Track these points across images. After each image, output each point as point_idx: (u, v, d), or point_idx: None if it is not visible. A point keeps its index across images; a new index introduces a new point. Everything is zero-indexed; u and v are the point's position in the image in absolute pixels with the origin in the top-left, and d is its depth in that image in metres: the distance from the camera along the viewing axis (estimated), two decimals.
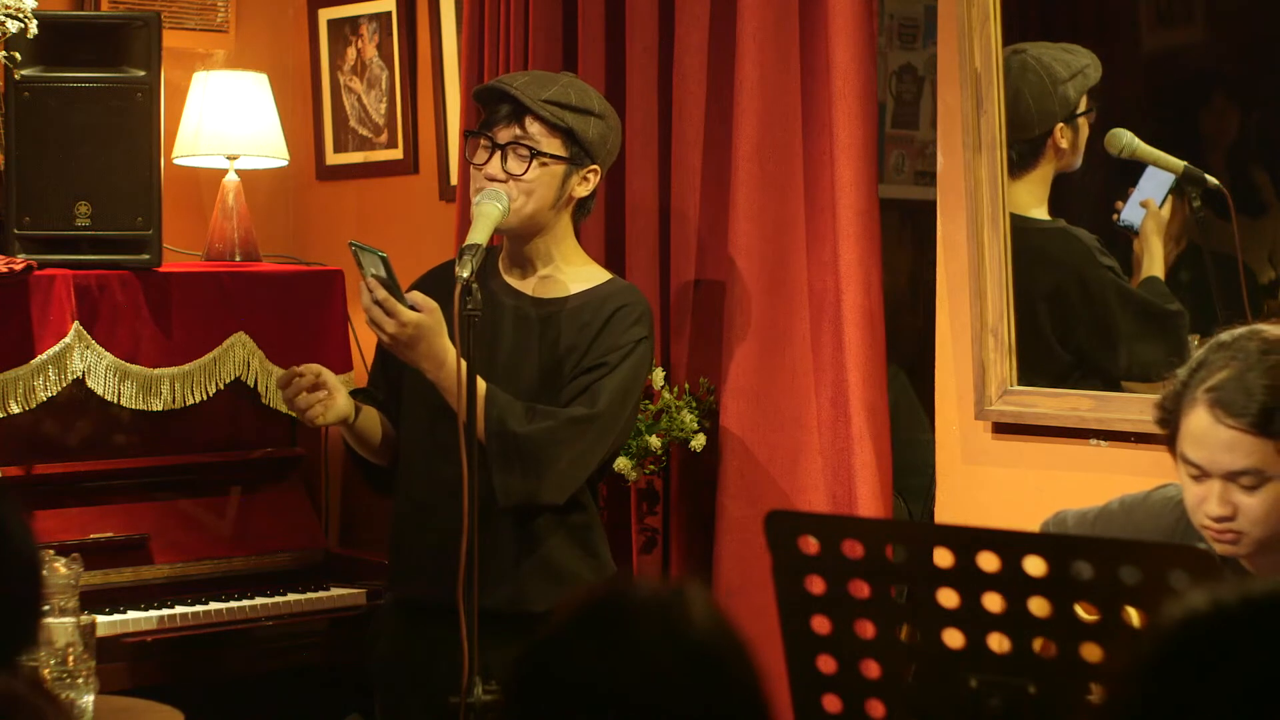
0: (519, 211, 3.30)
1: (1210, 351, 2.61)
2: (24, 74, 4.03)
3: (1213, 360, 2.59)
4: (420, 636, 3.34)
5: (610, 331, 3.32)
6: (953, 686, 2.15)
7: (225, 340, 4.28)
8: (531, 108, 3.31)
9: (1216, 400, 2.55)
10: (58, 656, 3.04)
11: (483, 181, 3.32)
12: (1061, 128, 3.51)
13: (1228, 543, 2.58)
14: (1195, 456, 2.58)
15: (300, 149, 4.97)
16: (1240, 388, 2.54)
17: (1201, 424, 2.57)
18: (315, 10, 5.00)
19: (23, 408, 4.00)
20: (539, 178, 3.32)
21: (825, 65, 3.68)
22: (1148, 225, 3.43)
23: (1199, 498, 2.60)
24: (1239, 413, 2.53)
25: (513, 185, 3.30)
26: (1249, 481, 2.55)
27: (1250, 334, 2.60)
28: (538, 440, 3.22)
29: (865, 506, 3.62)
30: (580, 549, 3.35)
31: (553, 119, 3.31)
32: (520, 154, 3.31)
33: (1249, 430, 2.53)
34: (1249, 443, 2.53)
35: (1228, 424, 2.54)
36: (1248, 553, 2.59)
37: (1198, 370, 2.60)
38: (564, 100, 3.33)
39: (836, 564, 2.20)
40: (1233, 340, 2.60)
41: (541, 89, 3.33)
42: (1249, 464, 2.54)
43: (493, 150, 3.32)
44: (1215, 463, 2.56)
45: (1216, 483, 2.57)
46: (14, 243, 4.08)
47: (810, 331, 3.74)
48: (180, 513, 4.21)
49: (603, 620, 1.57)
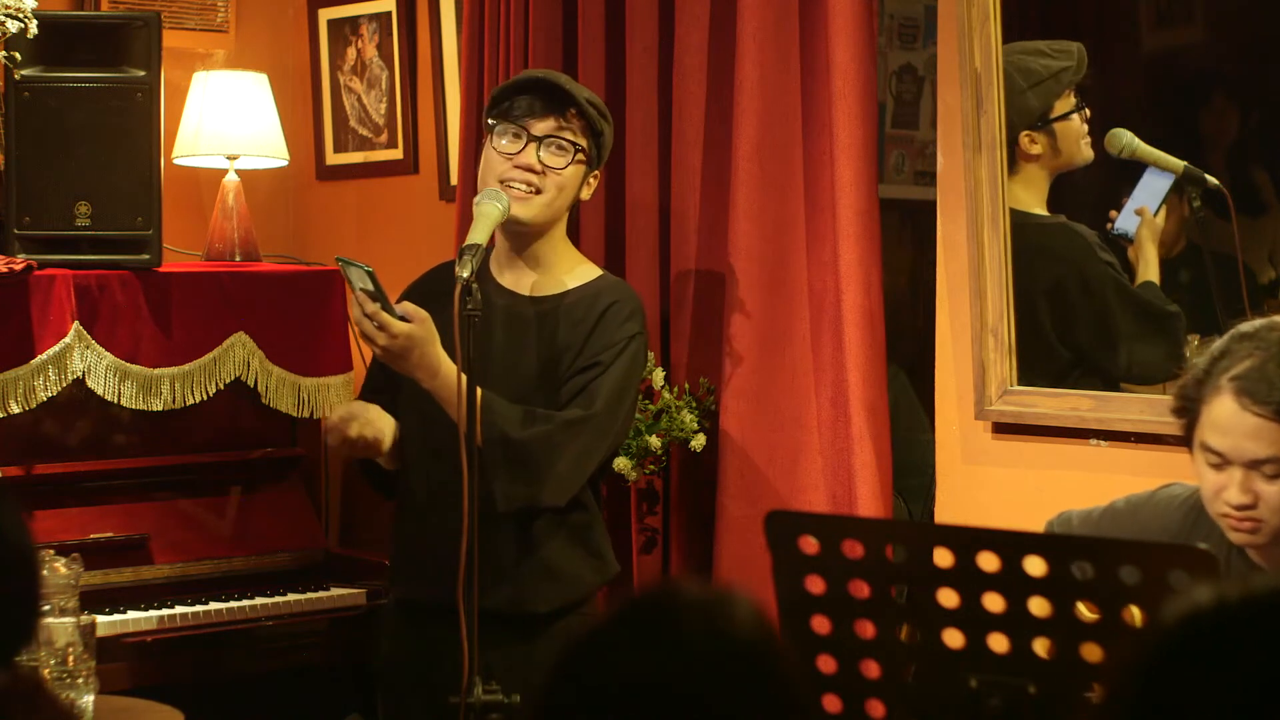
0: (548, 205, 3.31)
1: (1233, 341, 2.63)
2: (24, 74, 4.03)
3: (1236, 350, 2.61)
4: (422, 637, 3.34)
5: (603, 329, 3.32)
6: (953, 686, 2.15)
7: (225, 340, 4.28)
8: (580, 105, 3.32)
9: (1242, 388, 2.57)
10: (58, 656, 3.04)
11: (511, 171, 3.31)
12: (1029, 134, 3.52)
13: (1246, 531, 2.60)
14: (1218, 444, 2.60)
15: (300, 149, 4.97)
16: (1266, 376, 2.56)
17: (1226, 411, 2.58)
18: (315, 10, 5.00)
19: (23, 408, 4.00)
20: (572, 174, 3.33)
21: (825, 65, 3.68)
22: (1142, 233, 3.43)
23: (1218, 486, 2.61)
24: (1264, 400, 2.55)
25: (548, 177, 3.30)
26: (1271, 470, 2.57)
27: (1271, 325, 2.63)
28: (536, 445, 3.21)
29: (865, 506, 3.62)
30: (582, 549, 3.35)
31: (592, 119, 3.34)
32: (562, 146, 3.32)
33: (1274, 418, 2.55)
34: (1273, 430, 2.56)
35: (1254, 411, 2.56)
36: (1265, 542, 2.61)
37: (1220, 359, 2.62)
38: (598, 104, 3.37)
39: (836, 564, 2.20)
40: (1255, 331, 2.63)
41: (580, 90, 3.36)
42: (1273, 452, 2.56)
43: (527, 140, 3.32)
44: (1239, 450, 2.58)
45: (1238, 470, 2.59)
46: (14, 243, 4.08)
47: (810, 331, 3.74)
48: (180, 513, 4.21)
49: (650, 618, 1.57)
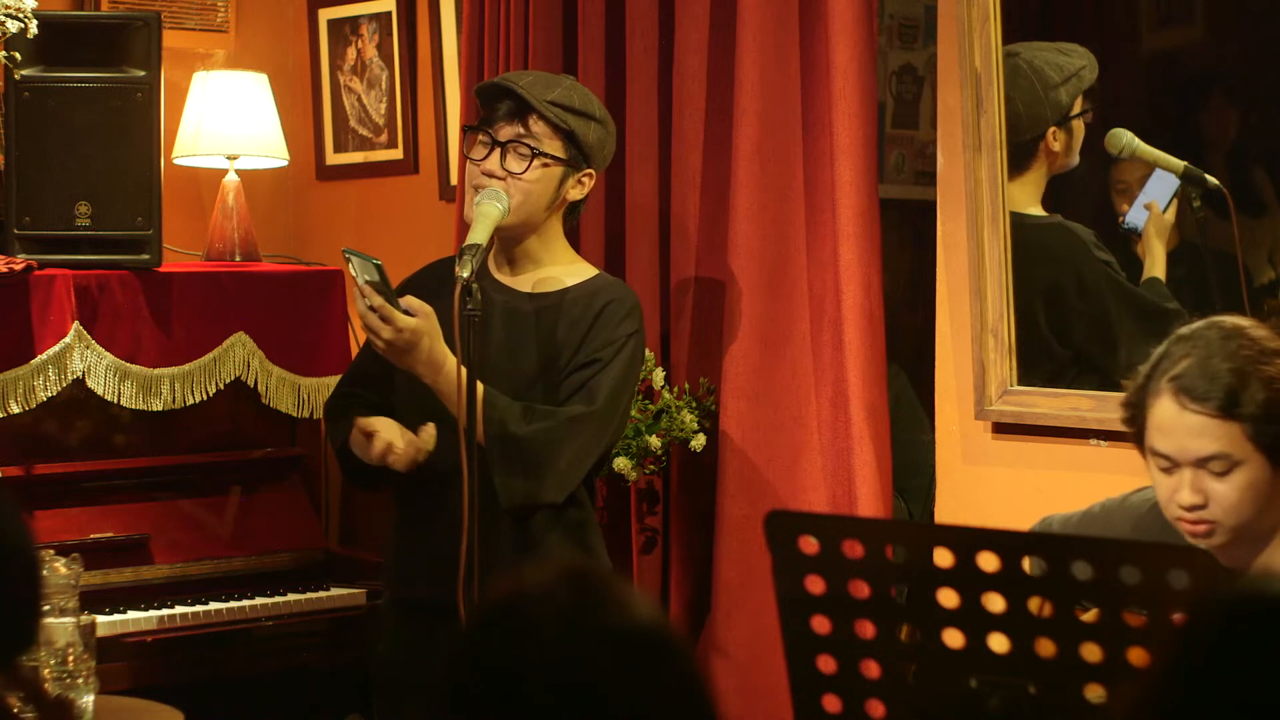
0: (515, 210, 3.31)
1: (1171, 344, 2.63)
2: (24, 74, 4.03)
3: (1174, 352, 2.61)
4: (418, 636, 3.34)
5: (601, 326, 3.32)
6: (953, 686, 2.15)
7: (225, 340, 4.28)
8: (536, 107, 3.31)
9: (1181, 387, 2.57)
10: (58, 656, 3.04)
11: (479, 178, 3.33)
12: (1054, 131, 3.52)
13: (1202, 535, 2.59)
14: (1163, 447, 2.60)
15: (300, 149, 4.97)
16: (1203, 373, 2.56)
17: (1167, 413, 2.58)
18: (315, 10, 5.00)
19: (23, 408, 4.00)
20: (539, 178, 3.32)
21: (825, 65, 3.68)
22: (1150, 228, 3.43)
23: (1171, 489, 2.61)
24: (1203, 397, 2.55)
25: (511, 183, 3.31)
26: (1218, 467, 2.56)
27: (1209, 324, 2.63)
28: (538, 441, 3.22)
29: (865, 506, 3.62)
30: (576, 545, 3.35)
31: (556, 120, 3.32)
32: (521, 152, 3.31)
33: (1214, 414, 2.55)
34: (1215, 426, 2.55)
35: (1193, 409, 2.56)
36: (1221, 543, 2.59)
37: (1159, 363, 2.62)
38: (567, 103, 3.34)
39: (836, 564, 2.20)
40: (1192, 332, 2.63)
41: (546, 90, 3.34)
42: (1217, 448, 2.56)
43: (492, 147, 3.33)
44: (1184, 450, 2.58)
45: (1187, 471, 2.58)
46: (14, 243, 4.08)
47: (810, 331, 3.74)
48: (180, 513, 4.21)
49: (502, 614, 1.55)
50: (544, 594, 1.54)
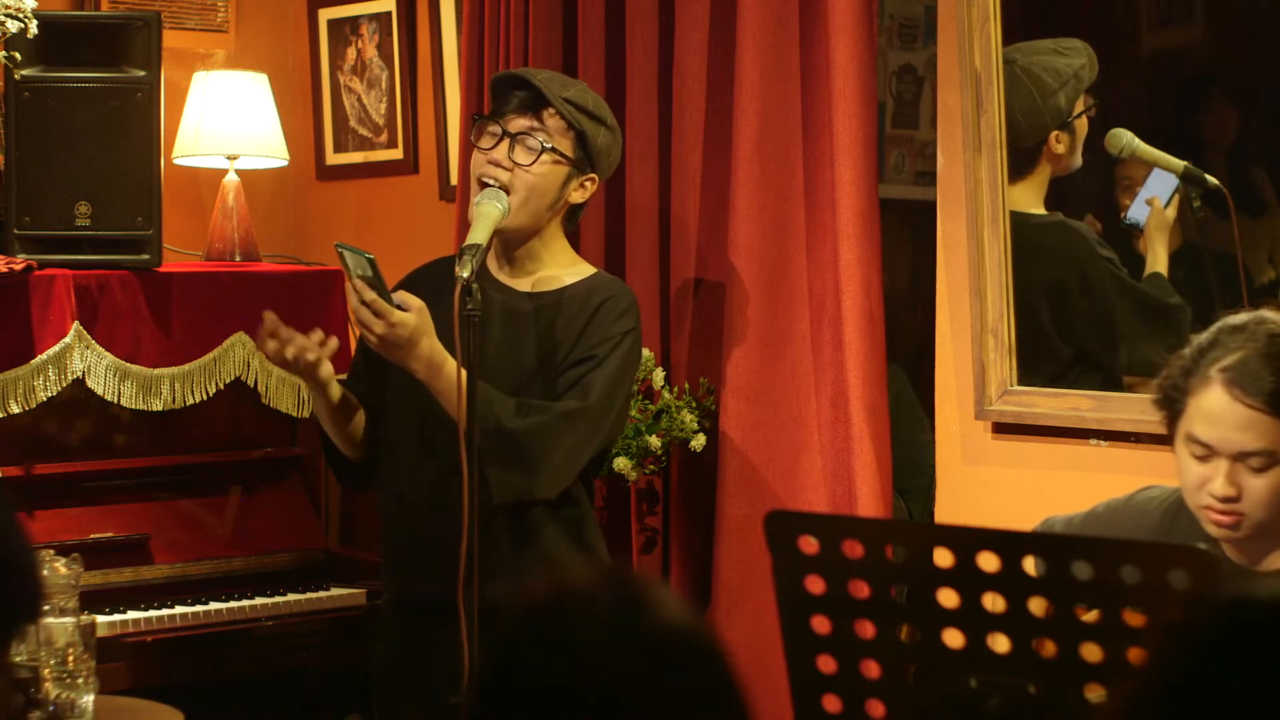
0: (516, 210, 3.29)
1: (1221, 333, 2.63)
2: (24, 74, 4.03)
3: (1226, 341, 2.61)
4: (416, 636, 3.33)
5: (598, 324, 3.32)
6: (953, 686, 2.15)
7: (225, 340, 4.28)
8: (552, 102, 3.31)
9: (1234, 380, 2.57)
10: (58, 656, 3.04)
11: (484, 167, 3.31)
12: (1057, 134, 3.52)
13: (1228, 525, 2.59)
14: (1206, 435, 2.59)
15: (300, 149, 4.97)
16: (1256, 368, 2.56)
17: (1217, 403, 2.58)
18: (315, 10, 5.00)
19: (23, 408, 3.99)
20: (544, 174, 3.32)
21: (825, 65, 3.68)
22: (1151, 223, 3.43)
23: (1202, 478, 2.60)
24: (1255, 392, 2.55)
25: (515, 176, 3.30)
26: (1258, 463, 2.57)
27: (1259, 319, 2.62)
28: (531, 435, 3.21)
29: (865, 506, 3.62)
30: (573, 542, 3.35)
31: (569, 118, 3.32)
32: (530, 145, 3.31)
33: (1266, 410, 2.55)
34: (1265, 423, 2.56)
35: (1245, 403, 2.56)
36: (1244, 536, 2.60)
37: (1209, 350, 2.61)
38: (581, 103, 3.34)
39: (836, 564, 2.20)
40: (1244, 324, 2.62)
41: (562, 87, 3.35)
42: (1262, 445, 2.56)
43: (501, 137, 3.32)
44: (1227, 442, 2.58)
45: (1224, 463, 2.58)
46: (14, 243, 4.07)
47: (810, 331, 3.74)
48: (180, 513, 4.21)
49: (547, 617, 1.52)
50: (584, 602, 1.50)
